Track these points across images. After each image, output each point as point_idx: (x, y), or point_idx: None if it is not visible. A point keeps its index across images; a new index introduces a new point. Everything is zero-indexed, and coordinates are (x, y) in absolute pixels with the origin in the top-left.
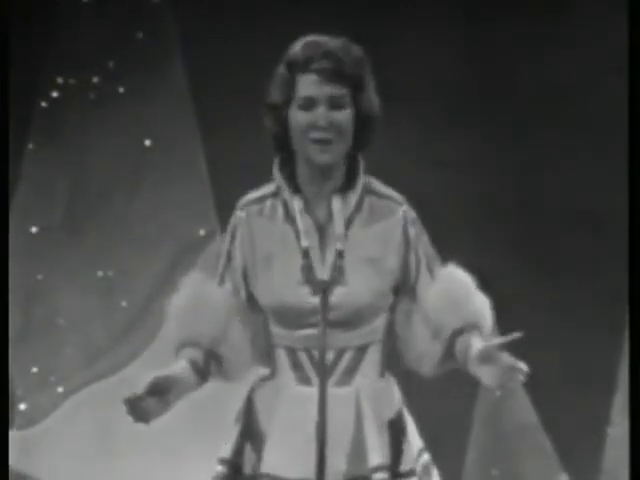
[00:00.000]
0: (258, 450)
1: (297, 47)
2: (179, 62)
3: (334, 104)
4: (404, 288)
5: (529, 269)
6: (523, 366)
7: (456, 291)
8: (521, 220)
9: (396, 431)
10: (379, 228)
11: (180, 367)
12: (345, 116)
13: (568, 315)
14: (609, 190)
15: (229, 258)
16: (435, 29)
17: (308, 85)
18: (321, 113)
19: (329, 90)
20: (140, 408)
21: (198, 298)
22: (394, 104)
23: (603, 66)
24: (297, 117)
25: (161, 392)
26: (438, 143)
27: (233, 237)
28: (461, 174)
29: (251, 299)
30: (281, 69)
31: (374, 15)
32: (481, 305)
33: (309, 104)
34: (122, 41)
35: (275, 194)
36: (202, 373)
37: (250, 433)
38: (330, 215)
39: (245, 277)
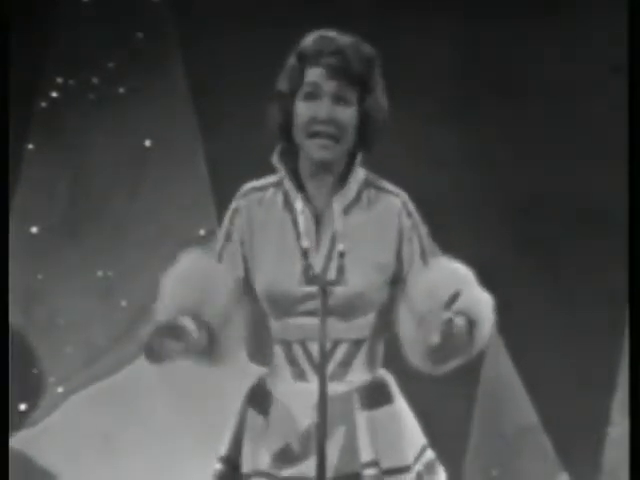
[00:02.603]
0: (256, 448)
1: (309, 40)
2: (179, 62)
3: (338, 99)
4: (399, 279)
5: (529, 269)
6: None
7: (446, 280)
8: (521, 220)
9: (389, 427)
10: (376, 219)
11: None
12: (348, 114)
13: (568, 315)
14: (609, 190)
15: (227, 239)
16: (435, 29)
17: (315, 76)
18: (324, 106)
19: (335, 85)
20: (157, 344)
21: (194, 270)
22: (393, 103)
23: (603, 66)
24: (301, 108)
25: (172, 334)
26: (438, 143)
27: (232, 221)
28: (461, 174)
29: (247, 283)
30: (292, 60)
31: (374, 15)
32: (476, 298)
33: (313, 93)
34: (122, 41)
35: (277, 184)
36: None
37: (248, 431)
38: (327, 205)
39: (245, 261)
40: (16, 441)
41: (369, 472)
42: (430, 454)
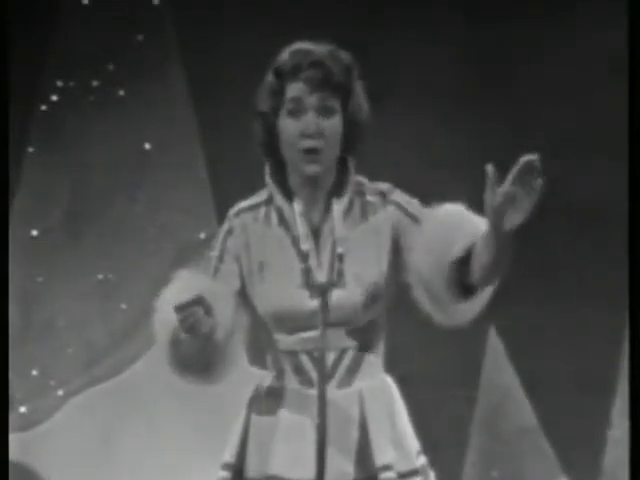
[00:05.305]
0: (263, 453)
1: (285, 55)
2: (179, 65)
3: (323, 111)
4: (401, 278)
5: (528, 269)
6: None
7: (452, 216)
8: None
9: (398, 431)
10: (369, 227)
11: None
12: (334, 124)
13: (568, 316)
14: (609, 190)
15: (221, 261)
16: (435, 30)
17: (296, 91)
18: (310, 120)
19: (318, 98)
20: (191, 315)
21: (193, 288)
22: (393, 104)
23: (603, 66)
24: (287, 125)
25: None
26: (438, 143)
27: (225, 242)
28: (460, 174)
29: (244, 295)
30: (269, 77)
31: (374, 16)
32: (480, 223)
33: (298, 108)
34: (122, 44)
35: (268, 202)
36: None
37: (253, 436)
38: (323, 219)
39: (241, 276)
40: (16, 443)
41: (386, 475)
42: (423, 459)
